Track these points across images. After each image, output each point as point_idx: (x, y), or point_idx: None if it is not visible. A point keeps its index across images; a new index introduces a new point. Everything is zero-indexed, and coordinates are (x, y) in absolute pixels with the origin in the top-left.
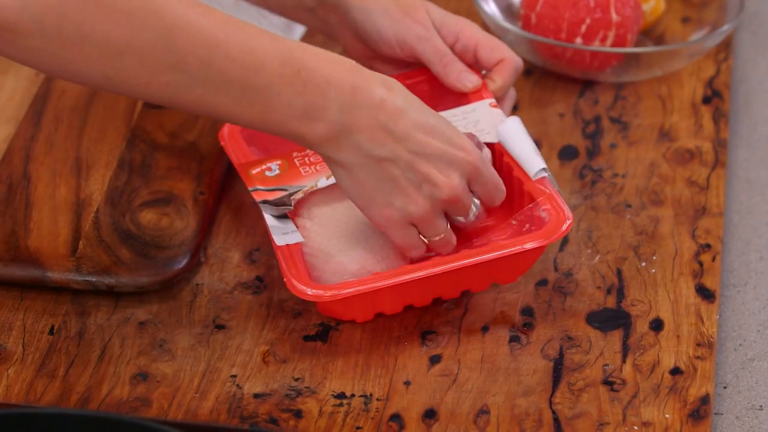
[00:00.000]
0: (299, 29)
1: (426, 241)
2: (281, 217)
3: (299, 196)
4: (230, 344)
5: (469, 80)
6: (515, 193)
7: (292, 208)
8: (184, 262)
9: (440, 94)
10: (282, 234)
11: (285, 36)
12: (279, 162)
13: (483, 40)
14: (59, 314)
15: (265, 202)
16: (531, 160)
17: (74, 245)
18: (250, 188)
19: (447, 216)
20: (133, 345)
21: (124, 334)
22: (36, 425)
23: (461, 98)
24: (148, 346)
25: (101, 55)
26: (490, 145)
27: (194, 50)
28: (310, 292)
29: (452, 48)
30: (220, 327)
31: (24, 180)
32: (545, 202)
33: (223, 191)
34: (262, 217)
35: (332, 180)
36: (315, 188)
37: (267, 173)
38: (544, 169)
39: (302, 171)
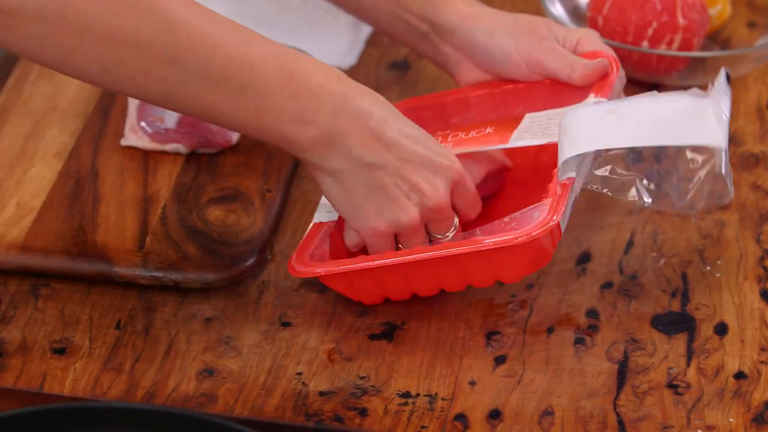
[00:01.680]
0: (365, 29)
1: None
2: None
3: None
4: (296, 342)
5: (592, 64)
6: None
7: None
8: (251, 260)
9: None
10: (326, 212)
11: (353, 35)
12: None
13: (584, 36)
14: (126, 309)
15: None
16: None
17: (141, 241)
18: None
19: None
20: (199, 341)
21: (190, 330)
22: (103, 419)
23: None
24: (215, 342)
25: (101, 46)
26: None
27: (193, 47)
28: (298, 269)
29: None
30: (286, 324)
31: (92, 175)
32: (546, 204)
33: (289, 189)
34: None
35: None
36: None
37: None
38: (572, 172)
39: None
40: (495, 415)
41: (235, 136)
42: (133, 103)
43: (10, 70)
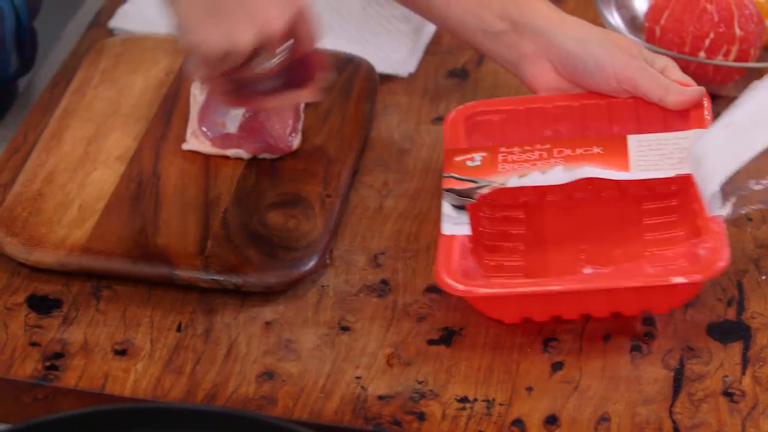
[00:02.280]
0: (425, 37)
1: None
2: (459, 207)
3: (485, 191)
4: (355, 346)
5: (690, 90)
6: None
7: (473, 201)
8: (310, 264)
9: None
10: (453, 224)
11: (412, 43)
12: (484, 154)
13: (685, 82)
14: (186, 312)
15: (450, 190)
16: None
17: (203, 244)
18: (444, 174)
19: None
20: (259, 344)
21: (250, 333)
22: (164, 420)
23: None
24: (274, 345)
25: None
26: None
27: None
28: (456, 287)
29: None
30: (345, 329)
31: (154, 178)
32: (709, 240)
33: (349, 195)
34: (388, 222)
35: (524, 180)
36: (504, 186)
37: (468, 163)
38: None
39: (500, 167)
40: (552, 420)
41: (296, 142)
42: (195, 108)
43: (72, 74)
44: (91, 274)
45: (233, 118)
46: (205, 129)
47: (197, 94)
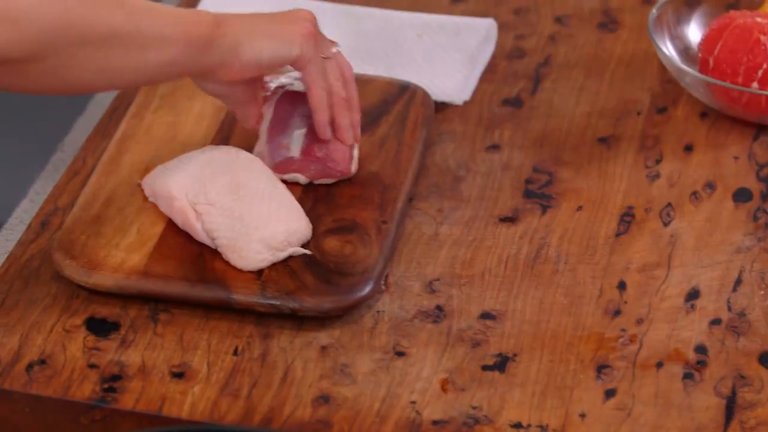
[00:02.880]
0: (480, 65)
1: None
2: None
3: None
4: (410, 371)
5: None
6: None
7: None
8: (366, 290)
9: None
10: None
11: (467, 71)
12: None
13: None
14: (243, 336)
15: None
16: None
17: (260, 269)
18: None
19: None
20: (315, 368)
21: (306, 357)
22: None
23: None
24: (330, 369)
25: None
26: None
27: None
28: None
29: None
30: (400, 354)
31: None
32: None
33: (404, 221)
34: (443, 248)
35: None
36: None
37: None
38: None
39: None
40: None
41: (353, 167)
42: (264, 130)
43: (131, 99)
44: (148, 298)
45: (296, 140)
46: (268, 152)
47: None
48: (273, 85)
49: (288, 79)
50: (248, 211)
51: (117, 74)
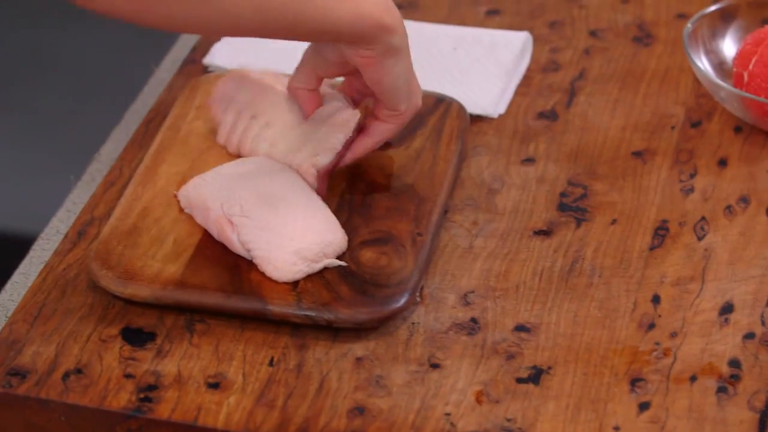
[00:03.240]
0: (516, 78)
1: None
2: None
3: None
4: (444, 383)
5: None
6: None
7: None
8: (401, 301)
9: None
10: None
11: (503, 84)
12: None
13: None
14: (279, 347)
15: None
16: None
17: (295, 280)
18: None
19: None
20: (350, 379)
21: (341, 368)
22: None
23: None
24: (365, 381)
25: None
26: None
27: None
28: None
29: None
30: (435, 365)
31: None
32: None
33: (439, 233)
34: (478, 261)
35: None
36: None
37: None
38: None
39: None
40: None
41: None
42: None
43: (167, 109)
44: (184, 308)
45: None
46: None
47: None
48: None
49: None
50: (283, 223)
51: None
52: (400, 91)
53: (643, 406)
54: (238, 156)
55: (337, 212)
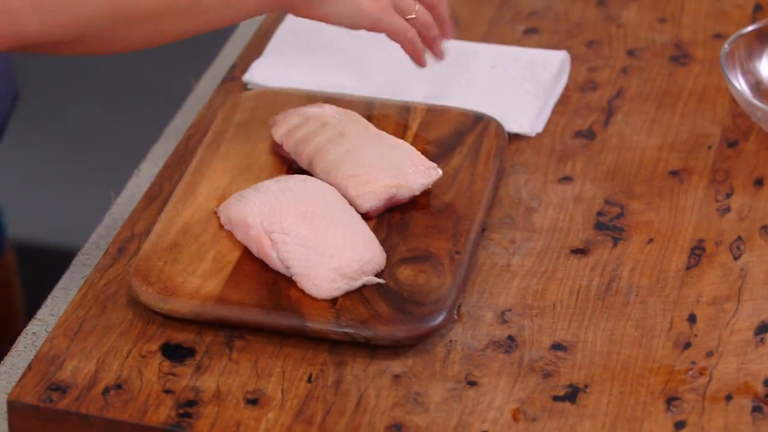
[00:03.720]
0: (553, 97)
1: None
2: None
3: None
4: (482, 400)
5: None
6: None
7: None
8: (439, 319)
9: None
10: None
11: (540, 102)
12: None
13: None
14: (317, 363)
15: None
16: None
17: (334, 297)
18: None
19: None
20: (388, 396)
21: (379, 385)
22: None
23: None
24: (403, 398)
25: None
26: None
27: None
28: None
29: None
30: (472, 383)
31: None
32: None
33: (477, 251)
34: (515, 279)
35: None
36: None
37: None
38: None
39: None
40: None
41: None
42: None
43: (207, 127)
44: (224, 324)
45: None
46: None
47: None
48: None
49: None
50: (322, 240)
51: (171, 37)
52: (334, 20)
53: (679, 425)
54: (289, 155)
55: (375, 230)
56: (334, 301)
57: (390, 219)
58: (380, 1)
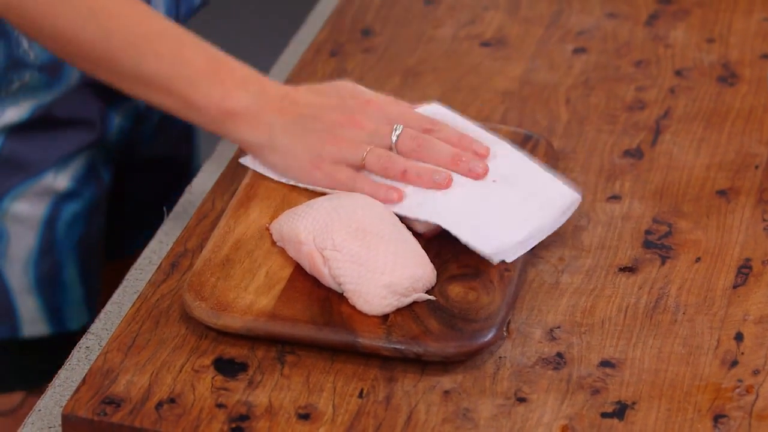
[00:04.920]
0: None
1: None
2: None
3: None
4: (531, 417)
5: None
6: None
7: None
8: (489, 336)
9: None
10: None
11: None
12: None
13: None
14: (368, 379)
15: None
16: None
17: (386, 314)
18: None
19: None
20: (438, 412)
21: (429, 401)
22: None
23: None
24: (452, 414)
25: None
26: None
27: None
28: None
29: None
30: (521, 399)
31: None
32: None
33: (526, 269)
34: (564, 297)
35: None
36: None
37: None
38: None
39: None
40: None
41: None
42: None
43: None
44: (276, 340)
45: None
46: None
47: None
48: None
49: None
50: (374, 257)
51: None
52: (294, 172)
53: None
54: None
55: (426, 247)
56: (385, 317)
57: (440, 236)
58: (320, 165)
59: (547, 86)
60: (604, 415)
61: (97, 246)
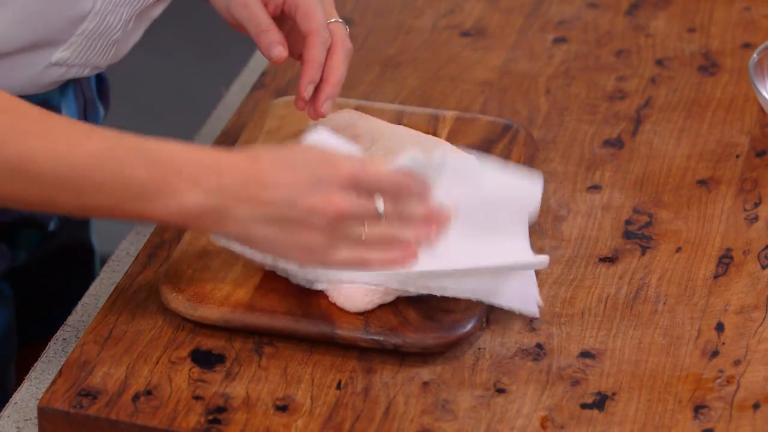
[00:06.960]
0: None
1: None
2: None
3: None
4: (510, 408)
5: (274, 52)
6: None
7: None
8: (468, 327)
9: None
10: None
11: None
12: None
13: (302, 5)
14: (346, 370)
15: None
16: None
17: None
18: None
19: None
20: (416, 403)
21: (408, 392)
22: None
23: None
24: (431, 405)
25: None
26: None
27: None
28: None
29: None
30: (500, 390)
31: None
32: None
33: None
34: (544, 287)
35: None
36: None
37: None
38: None
39: None
40: None
41: None
42: None
43: (237, 134)
44: (253, 331)
45: None
46: None
47: None
48: None
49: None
50: None
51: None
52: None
53: None
54: None
55: None
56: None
57: None
58: (313, 258)
59: (527, 76)
60: (584, 405)
61: (7, 347)
